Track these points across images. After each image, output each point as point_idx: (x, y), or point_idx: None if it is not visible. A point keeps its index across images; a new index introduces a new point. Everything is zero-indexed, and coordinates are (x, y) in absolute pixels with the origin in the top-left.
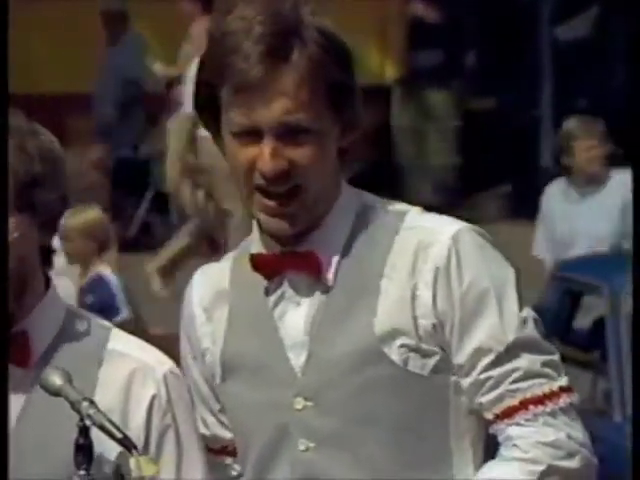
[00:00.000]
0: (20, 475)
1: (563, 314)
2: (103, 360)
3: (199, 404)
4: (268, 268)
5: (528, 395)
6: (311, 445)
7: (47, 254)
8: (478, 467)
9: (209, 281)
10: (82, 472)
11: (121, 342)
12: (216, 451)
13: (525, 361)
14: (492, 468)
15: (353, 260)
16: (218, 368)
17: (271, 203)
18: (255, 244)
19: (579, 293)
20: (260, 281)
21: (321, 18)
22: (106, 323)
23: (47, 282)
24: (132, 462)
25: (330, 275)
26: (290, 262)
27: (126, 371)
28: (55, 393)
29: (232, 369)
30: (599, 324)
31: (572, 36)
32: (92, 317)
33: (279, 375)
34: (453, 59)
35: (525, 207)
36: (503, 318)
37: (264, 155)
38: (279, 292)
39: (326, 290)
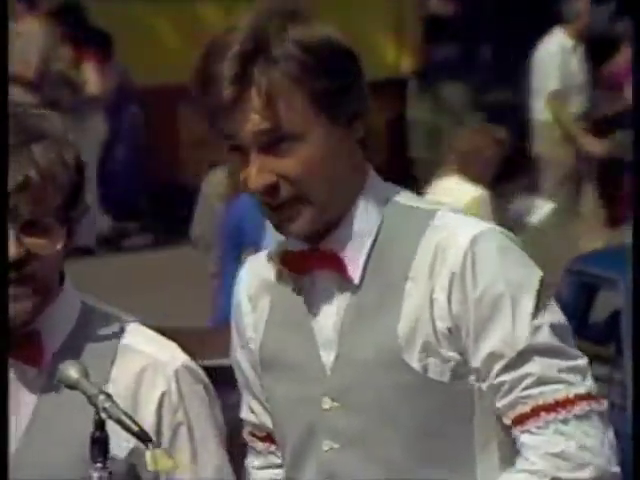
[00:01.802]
0: (34, 473)
1: (579, 308)
2: (116, 357)
3: (245, 391)
4: (295, 265)
5: (540, 402)
6: (335, 446)
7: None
8: (505, 471)
9: (256, 270)
10: (98, 465)
11: (135, 337)
12: (261, 438)
13: (538, 367)
14: None
15: (380, 260)
16: (257, 359)
17: (274, 213)
18: (289, 240)
19: (595, 287)
20: (296, 275)
21: (307, 27)
22: (123, 316)
23: (61, 279)
24: (148, 456)
25: (357, 274)
26: (316, 260)
27: (137, 368)
28: (72, 386)
29: (268, 362)
30: (615, 317)
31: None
32: (109, 310)
33: (311, 372)
34: (469, 52)
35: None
36: (516, 323)
37: (251, 172)
38: (311, 288)
39: (354, 289)
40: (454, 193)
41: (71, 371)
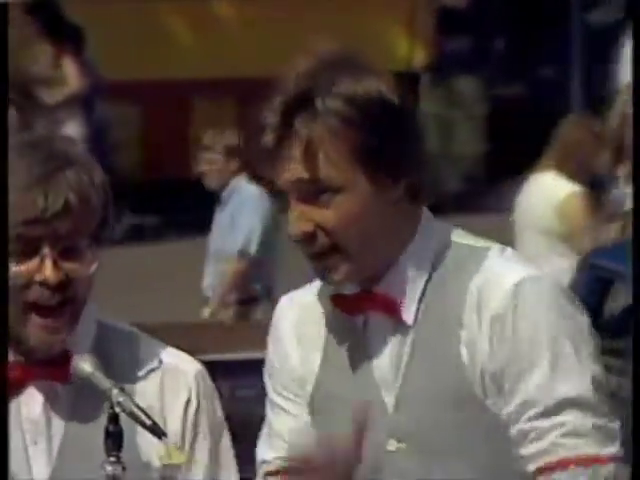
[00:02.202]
0: None
1: (593, 301)
2: (137, 372)
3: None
4: (349, 307)
5: (570, 453)
6: None
7: None
8: None
9: (301, 310)
10: (112, 459)
11: (150, 350)
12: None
13: (573, 418)
14: None
15: (433, 300)
16: (310, 401)
17: (310, 260)
18: None
19: (609, 280)
20: (349, 316)
21: (358, 79)
22: (131, 330)
23: None
24: (161, 450)
25: (410, 316)
26: (368, 302)
27: (157, 378)
28: (85, 380)
29: (326, 403)
30: (629, 312)
31: (603, 21)
32: (117, 325)
33: (373, 413)
34: (482, 45)
35: None
36: (556, 371)
37: (290, 217)
38: (365, 328)
39: (408, 330)
40: (549, 189)
41: (85, 364)
